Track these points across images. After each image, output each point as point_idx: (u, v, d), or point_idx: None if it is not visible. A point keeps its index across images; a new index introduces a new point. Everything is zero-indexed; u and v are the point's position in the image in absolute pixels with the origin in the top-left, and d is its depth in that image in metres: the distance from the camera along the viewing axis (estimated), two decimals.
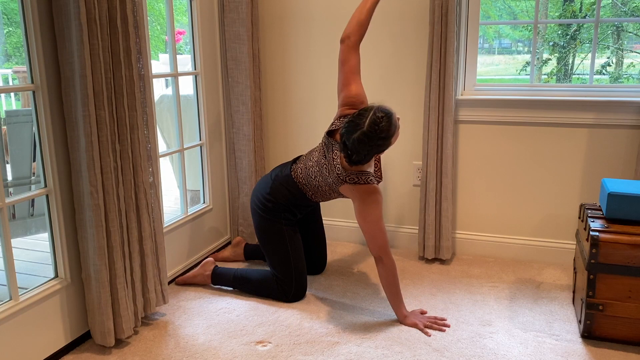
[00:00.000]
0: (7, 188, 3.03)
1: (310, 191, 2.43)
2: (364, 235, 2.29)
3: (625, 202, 2.12)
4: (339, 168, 2.28)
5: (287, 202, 2.46)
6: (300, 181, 2.43)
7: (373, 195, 2.25)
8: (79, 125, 1.91)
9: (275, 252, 2.48)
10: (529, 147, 2.83)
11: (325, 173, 2.34)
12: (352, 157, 2.15)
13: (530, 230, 2.93)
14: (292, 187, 2.45)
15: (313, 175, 2.39)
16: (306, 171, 2.42)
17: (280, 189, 2.46)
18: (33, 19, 1.86)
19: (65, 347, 2.11)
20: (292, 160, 2.54)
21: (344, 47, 2.34)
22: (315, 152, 2.43)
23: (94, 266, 2.02)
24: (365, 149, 2.12)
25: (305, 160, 2.46)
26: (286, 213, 2.48)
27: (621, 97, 2.67)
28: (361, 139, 2.10)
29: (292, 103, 3.20)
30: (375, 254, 2.28)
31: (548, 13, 6.10)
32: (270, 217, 2.47)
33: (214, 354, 2.09)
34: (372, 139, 2.11)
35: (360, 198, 2.26)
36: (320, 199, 2.47)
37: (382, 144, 2.15)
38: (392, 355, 2.06)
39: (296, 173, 2.45)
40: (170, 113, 3.87)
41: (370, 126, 2.10)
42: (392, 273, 2.27)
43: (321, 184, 2.37)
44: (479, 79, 2.92)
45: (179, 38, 4.95)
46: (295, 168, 2.47)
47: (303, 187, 2.43)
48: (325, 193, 2.41)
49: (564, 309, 2.42)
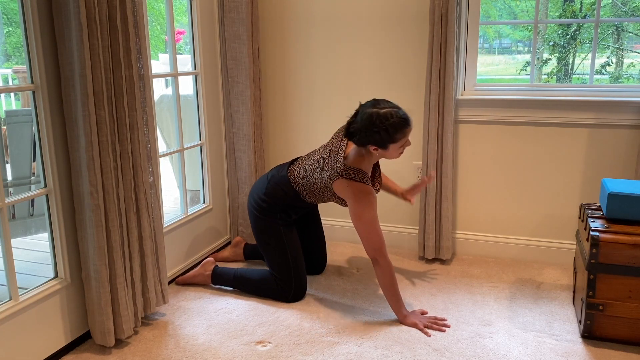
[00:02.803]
0: (7, 188, 3.03)
1: (305, 190, 2.43)
2: (360, 236, 2.29)
3: (626, 202, 2.12)
4: (340, 161, 2.28)
5: (282, 203, 2.46)
6: (296, 180, 2.43)
7: (368, 196, 2.25)
8: (79, 125, 1.91)
9: (273, 252, 2.49)
10: (529, 147, 2.83)
11: (324, 168, 2.34)
12: (351, 125, 2.23)
13: (530, 230, 2.93)
14: (286, 188, 2.45)
15: (311, 172, 2.39)
16: (304, 170, 2.42)
17: (275, 189, 2.47)
18: (33, 19, 1.86)
19: (65, 347, 2.11)
20: (289, 162, 2.55)
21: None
22: (318, 150, 2.44)
23: (94, 266, 2.02)
24: (366, 126, 2.18)
25: (305, 159, 2.46)
26: (282, 213, 2.48)
27: (621, 97, 2.67)
28: (372, 115, 2.17)
29: (292, 103, 3.20)
30: (371, 256, 2.28)
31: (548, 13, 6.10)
32: (266, 217, 2.47)
33: (214, 354, 2.09)
34: (378, 124, 2.16)
35: (354, 197, 2.26)
36: (314, 199, 2.46)
37: (380, 135, 2.17)
38: (392, 355, 2.06)
39: (293, 173, 2.45)
40: (170, 113, 3.87)
41: (386, 113, 2.17)
42: (389, 274, 2.27)
43: (317, 181, 2.37)
44: (479, 79, 2.92)
45: (179, 38, 4.95)
46: (293, 168, 2.47)
47: (298, 186, 2.43)
48: (319, 191, 2.40)
49: (564, 309, 2.41)
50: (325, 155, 2.37)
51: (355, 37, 2.98)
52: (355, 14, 2.95)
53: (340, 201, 2.40)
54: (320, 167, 2.36)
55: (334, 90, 3.09)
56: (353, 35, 2.98)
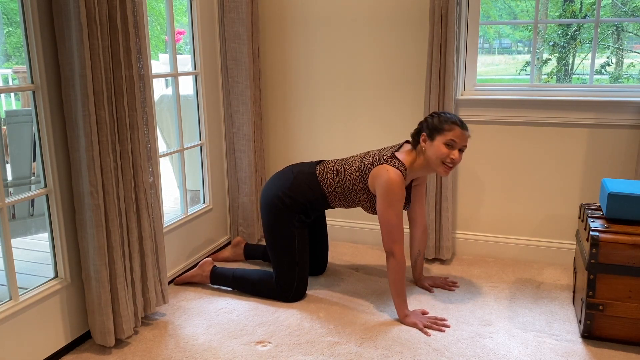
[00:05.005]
0: (7, 188, 3.03)
1: (333, 186, 2.42)
2: (381, 227, 2.29)
3: (625, 202, 2.12)
4: (391, 151, 2.33)
5: (305, 200, 2.45)
6: (326, 177, 2.43)
7: (401, 190, 2.26)
8: (79, 125, 1.91)
9: (281, 251, 2.47)
10: (529, 147, 2.83)
11: (368, 156, 2.38)
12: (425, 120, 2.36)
13: (530, 230, 2.93)
14: (313, 185, 2.45)
15: (349, 165, 2.41)
16: (340, 164, 2.44)
17: (302, 185, 2.46)
18: (33, 19, 1.86)
19: (65, 347, 2.11)
20: (315, 162, 2.55)
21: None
22: (368, 152, 2.47)
23: (94, 266, 2.02)
24: (426, 117, 2.37)
25: (344, 159, 2.49)
26: (301, 214, 2.47)
27: (621, 97, 2.67)
28: (433, 114, 2.36)
29: (292, 103, 3.20)
30: (387, 248, 2.29)
31: (548, 13, 6.11)
32: (285, 215, 2.45)
33: (214, 354, 2.09)
34: (434, 112, 2.35)
35: (388, 186, 2.24)
36: (337, 200, 2.45)
37: (432, 119, 2.30)
38: (392, 355, 2.06)
39: (322, 170, 2.46)
40: (170, 113, 3.87)
41: (445, 113, 2.33)
42: (400, 270, 2.28)
43: (352, 172, 2.37)
44: (479, 79, 2.92)
45: (179, 38, 4.95)
46: (322, 166, 2.48)
47: (327, 182, 2.43)
48: (349, 186, 2.39)
49: (564, 309, 2.42)
50: (376, 150, 2.43)
51: (355, 37, 2.98)
52: (355, 14, 2.95)
53: (367, 199, 2.38)
54: (364, 157, 2.39)
55: (334, 90, 3.09)
56: (353, 35, 2.98)
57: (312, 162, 2.55)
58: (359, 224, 3.21)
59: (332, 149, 3.17)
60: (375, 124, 3.05)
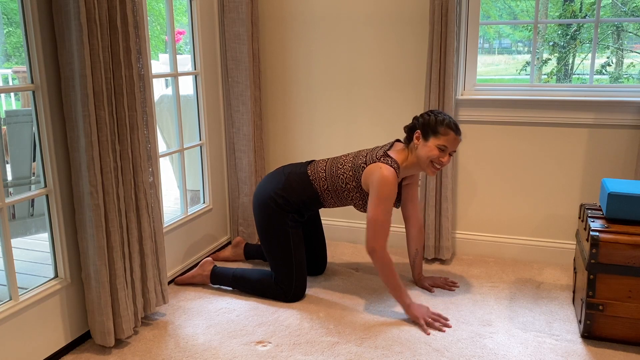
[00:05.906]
0: (7, 188, 3.03)
1: (325, 186, 2.43)
2: (368, 224, 2.29)
3: (625, 202, 2.12)
4: (383, 150, 2.35)
5: (297, 199, 2.46)
6: (318, 176, 2.44)
7: (393, 187, 2.26)
8: (79, 125, 1.91)
9: (277, 251, 2.48)
10: (529, 147, 2.83)
11: (361, 156, 2.39)
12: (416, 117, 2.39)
13: (530, 230, 2.93)
14: (306, 186, 2.46)
15: (341, 164, 2.42)
16: (332, 163, 2.45)
17: (294, 185, 2.47)
18: (33, 19, 1.86)
19: (65, 347, 2.11)
20: (305, 162, 2.56)
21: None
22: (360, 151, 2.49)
23: (94, 266, 2.02)
24: (422, 113, 2.38)
25: (334, 158, 2.50)
26: (294, 214, 2.47)
27: (621, 97, 2.67)
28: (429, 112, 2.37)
29: (292, 103, 3.20)
30: (370, 247, 2.29)
31: (548, 13, 6.11)
32: (278, 215, 2.46)
33: (214, 354, 2.09)
34: (430, 111, 2.36)
35: (380, 182, 2.25)
36: (329, 199, 2.46)
37: (429, 117, 2.31)
38: (392, 355, 2.06)
39: (313, 169, 2.47)
40: (170, 113, 3.87)
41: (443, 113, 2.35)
42: (387, 266, 2.29)
43: (345, 172, 2.38)
44: (479, 79, 2.92)
45: (179, 38, 4.95)
46: (313, 165, 2.49)
47: (318, 182, 2.44)
48: (341, 185, 2.40)
49: (564, 309, 2.42)
50: (368, 149, 2.44)
51: (355, 37, 2.98)
52: (356, 14, 2.95)
53: (359, 197, 2.39)
54: (357, 156, 2.40)
55: (334, 90, 3.09)
56: (353, 35, 2.98)
57: (302, 163, 2.57)
58: (359, 224, 3.21)
59: (332, 148, 3.17)
60: (375, 123, 3.05)
